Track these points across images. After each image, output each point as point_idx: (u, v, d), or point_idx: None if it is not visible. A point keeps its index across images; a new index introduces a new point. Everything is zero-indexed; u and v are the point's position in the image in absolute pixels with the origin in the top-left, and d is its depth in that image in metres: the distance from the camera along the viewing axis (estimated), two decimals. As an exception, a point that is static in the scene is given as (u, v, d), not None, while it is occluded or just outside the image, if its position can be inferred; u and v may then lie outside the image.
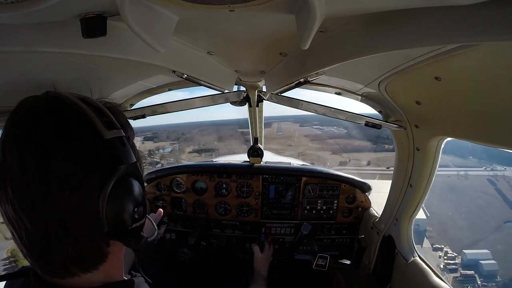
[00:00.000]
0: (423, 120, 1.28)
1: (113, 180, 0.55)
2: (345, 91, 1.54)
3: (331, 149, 38.53)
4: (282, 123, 45.65)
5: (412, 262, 1.51)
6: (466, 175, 25.03)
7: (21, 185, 0.50)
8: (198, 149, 28.75)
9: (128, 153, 0.59)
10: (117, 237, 0.58)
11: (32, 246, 0.53)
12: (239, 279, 2.21)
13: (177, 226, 2.21)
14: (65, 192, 0.51)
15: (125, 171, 0.58)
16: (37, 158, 0.50)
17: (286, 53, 1.09)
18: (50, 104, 0.56)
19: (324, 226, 2.17)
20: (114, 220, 0.56)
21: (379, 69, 1.08)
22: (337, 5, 0.60)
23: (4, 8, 0.52)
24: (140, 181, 0.63)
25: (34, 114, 0.54)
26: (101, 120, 0.57)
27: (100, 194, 0.54)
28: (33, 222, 0.51)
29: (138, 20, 0.60)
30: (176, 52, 1.03)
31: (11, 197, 0.50)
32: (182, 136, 28.75)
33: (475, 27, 0.54)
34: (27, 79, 0.95)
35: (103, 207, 0.54)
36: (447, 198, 22.52)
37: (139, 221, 0.61)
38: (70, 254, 0.53)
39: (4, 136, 0.53)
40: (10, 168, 0.50)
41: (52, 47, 0.74)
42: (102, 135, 0.55)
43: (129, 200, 0.58)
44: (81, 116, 0.56)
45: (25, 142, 0.51)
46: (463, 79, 0.87)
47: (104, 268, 0.59)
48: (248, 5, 0.60)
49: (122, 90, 1.51)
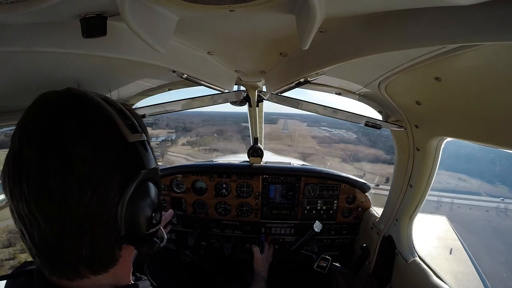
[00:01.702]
0: (423, 120, 1.28)
1: (134, 184, 0.54)
2: (345, 91, 1.54)
3: (341, 156, 33.38)
4: (288, 121, 43.11)
5: (412, 262, 1.50)
6: (507, 209, 19.80)
7: (39, 182, 0.48)
8: (193, 141, 27.69)
9: (149, 158, 0.59)
10: (131, 241, 0.57)
11: (43, 245, 0.51)
12: (239, 279, 2.21)
13: (177, 226, 2.21)
14: (87, 193, 0.49)
15: (146, 176, 0.57)
16: (59, 155, 0.49)
17: (286, 53, 1.09)
18: (73, 101, 0.54)
19: (324, 226, 2.17)
20: (131, 224, 0.55)
21: (379, 69, 1.08)
22: (337, 5, 0.60)
23: (4, 8, 0.52)
24: (159, 187, 0.62)
25: (56, 110, 0.52)
26: (125, 123, 0.56)
27: (121, 198, 0.53)
28: (48, 221, 0.49)
29: (138, 20, 0.60)
30: (176, 52, 1.03)
31: (26, 194, 0.48)
32: (183, 125, 27.77)
33: (475, 27, 0.54)
34: (27, 79, 0.95)
35: (122, 211, 0.53)
36: (495, 247, 16.40)
37: (156, 226, 0.61)
38: (83, 255, 0.52)
39: (20, 130, 0.51)
40: (27, 164, 0.49)
41: (52, 47, 0.74)
42: (125, 138, 0.55)
43: (148, 205, 0.58)
44: (105, 116, 0.55)
45: (46, 138, 0.49)
46: (463, 79, 0.87)
47: (114, 271, 0.59)
48: (248, 5, 0.60)
49: (122, 90, 1.51)
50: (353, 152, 30.79)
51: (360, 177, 2.37)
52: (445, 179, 17.96)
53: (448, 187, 17.30)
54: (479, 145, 1.00)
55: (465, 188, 18.46)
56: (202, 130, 33.16)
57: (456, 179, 16.32)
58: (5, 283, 0.62)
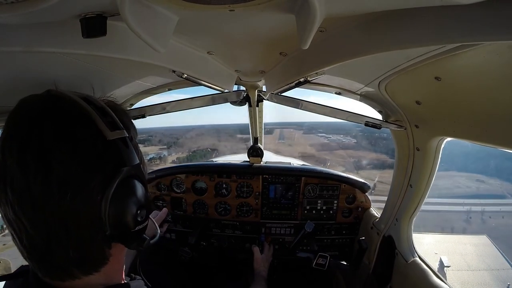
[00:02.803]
0: (423, 120, 1.28)
1: (116, 182, 0.54)
2: (345, 91, 1.54)
3: (344, 164, 29.75)
4: (284, 130, 41.93)
5: (412, 262, 1.50)
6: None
7: (21, 186, 0.49)
8: (183, 157, 26.68)
9: (131, 155, 0.58)
10: (119, 239, 0.57)
11: (32, 248, 0.52)
12: (239, 279, 2.21)
13: (177, 226, 2.21)
14: (67, 195, 0.50)
15: (128, 173, 0.57)
16: (38, 159, 0.49)
17: (286, 53, 1.09)
18: (50, 103, 0.54)
19: (324, 226, 2.17)
20: (116, 223, 0.55)
21: (379, 69, 1.08)
22: (337, 5, 0.60)
23: (4, 8, 0.52)
24: (143, 183, 0.62)
25: (34, 114, 0.53)
26: (104, 120, 0.55)
27: (103, 197, 0.53)
28: (33, 225, 0.50)
29: (138, 20, 0.60)
30: (176, 52, 1.03)
31: (11, 199, 0.49)
32: (176, 140, 26.83)
33: (475, 27, 0.54)
34: (27, 79, 0.95)
35: (105, 210, 0.53)
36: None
37: (142, 223, 0.61)
38: (71, 256, 0.53)
39: (4, 136, 0.52)
40: (10, 169, 0.49)
41: (52, 47, 0.74)
42: (105, 136, 0.54)
43: (132, 203, 0.57)
44: (83, 115, 0.54)
45: (25, 143, 0.50)
46: (463, 79, 0.87)
47: (105, 270, 0.59)
48: (248, 5, 0.60)
49: (122, 89, 1.51)
50: (356, 159, 28.32)
51: (372, 188, 2.31)
52: (463, 182, 15.98)
53: (470, 192, 15.55)
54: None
55: (487, 190, 16.47)
56: (194, 145, 31.98)
57: (473, 181, 14.44)
58: (4, 283, 0.63)
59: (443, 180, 15.10)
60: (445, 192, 14.43)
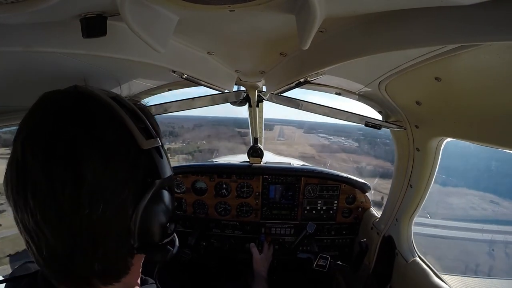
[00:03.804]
0: (423, 121, 1.28)
1: (150, 195, 0.51)
2: (345, 91, 1.54)
3: (346, 170, 27.45)
4: (284, 127, 41.35)
5: (412, 262, 1.50)
6: None
7: (46, 195, 0.44)
8: (176, 148, 25.92)
9: (165, 166, 0.55)
10: (145, 251, 0.55)
11: (52, 259, 0.48)
12: (239, 279, 2.21)
13: (177, 226, 2.21)
14: (99, 206, 0.46)
15: (161, 186, 0.53)
16: (67, 166, 0.44)
17: (286, 53, 1.09)
18: (80, 102, 0.50)
19: (324, 226, 2.17)
20: (145, 236, 0.52)
21: (379, 69, 1.08)
22: (337, 5, 0.60)
23: (4, 8, 0.52)
24: (173, 195, 0.60)
25: (61, 113, 0.48)
26: (138, 127, 0.52)
27: (135, 210, 0.49)
28: (57, 236, 0.46)
29: (138, 20, 0.60)
30: (176, 52, 1.03)
31: (32, 206, 0.44)
32: (172, 129, 26.02)
33: (475, 27, 0.54)
34: (27, 79, 0.95)
35: (136, 223, 0.50)
36: None
37: (170, 236, 0.59)
38: (95, 269, 0.49)
39: (24, 134, 0.47)
40: (32, 173, 0.44)
41: (52, 47, 0.74)
42: (139, 144, 0.51)
43: (163, 216, 0.55)
44: (116, 120, 0.50)
45: (51, 147, 0.45)
46: (463, 79, 0.87)
47: (125, 280, 0.56)
48: (248, 5, 0.60)
49: (121, 90, 1.51)
50: (359, 165, 26.10)
51: (380, 202, 2.24)
52: (477, 203, 14.17)
53: (486, 215, 13.86)
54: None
55: (504, 215, 14.29)
56: (190, 135, 31.24)
57: (488, 202, 12.90)
58: (5, 285, 0.61)
59: (456, 198, 14.22)
60: (461, 214, 13.40)
